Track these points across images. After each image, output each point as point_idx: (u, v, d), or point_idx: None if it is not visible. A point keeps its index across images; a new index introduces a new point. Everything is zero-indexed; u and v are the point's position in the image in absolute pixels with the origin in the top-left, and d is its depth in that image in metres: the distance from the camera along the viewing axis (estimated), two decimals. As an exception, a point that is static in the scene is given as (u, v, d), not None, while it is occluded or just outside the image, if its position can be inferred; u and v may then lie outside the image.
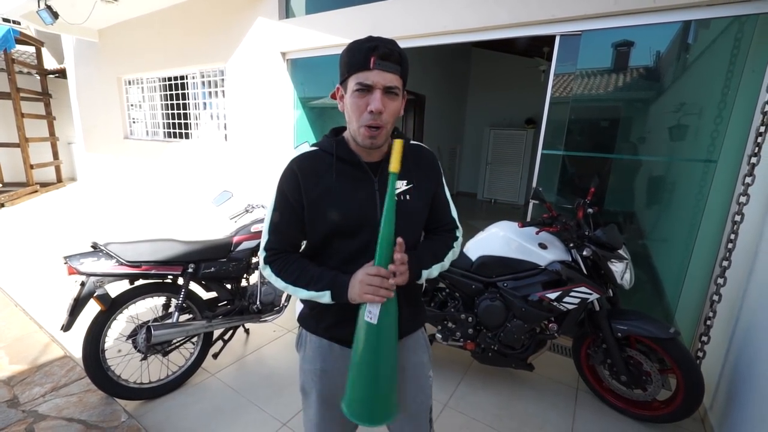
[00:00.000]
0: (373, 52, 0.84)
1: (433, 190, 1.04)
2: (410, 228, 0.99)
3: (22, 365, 2.23)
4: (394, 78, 0.87)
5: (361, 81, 0.86)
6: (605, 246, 1.87)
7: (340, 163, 0.96)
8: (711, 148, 2.26)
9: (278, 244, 0.99)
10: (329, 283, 0.93)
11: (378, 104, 0.85)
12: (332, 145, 0.96)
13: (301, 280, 0.95)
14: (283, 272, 0.96)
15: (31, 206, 6.30)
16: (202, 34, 4.58)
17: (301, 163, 0.97)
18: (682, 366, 1.79)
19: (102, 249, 1.88)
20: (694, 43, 2.37)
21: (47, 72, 7.58)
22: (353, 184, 0.95)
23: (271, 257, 0.98)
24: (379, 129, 0.89)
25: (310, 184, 0.94)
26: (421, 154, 1.05)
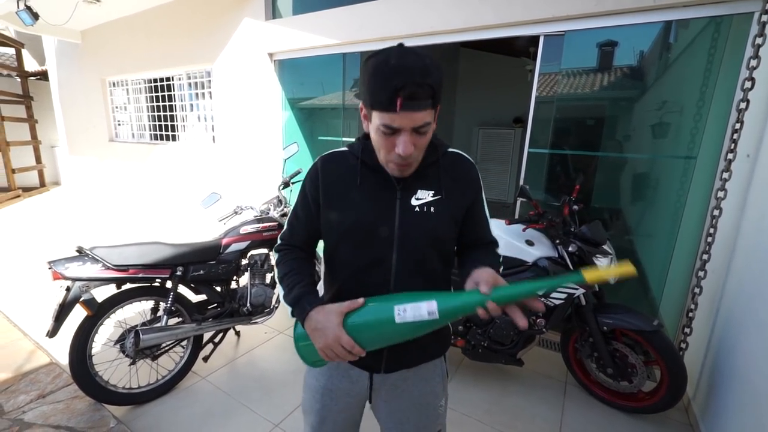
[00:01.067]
0: (399, 93, 0.72)
1: (466, 205, 0.94)
2: (429, 244, 0.90)
3: (6, 373, 2.18)
4: (424, 116, 0.76)
5: (386, 123, 0.76)
6: (590, 242, 1.91)
7: (365, 168, 0.91)
8: (691, 145, 2.32)
9: (290, 239, 1.00)
10: (294, 300, 0.89)
11: (406, 147, 0.77)
12: (359, 148, 0.92)
13: (285, 280, 0.94)
14: (280, 264, 0.97)
15: (14, 211, 6.15)
16: (187, 34, 4.53)
17: (325, 161, 0.95)
18: (666, 357, 1.84)
19: (87, 253, 1.85)
20: (674, 43, 2.43)
21: (28, 74, 7.42)
22: (374, 192, 0.89)
23: (281, 247, 1.01)
24: (410, 165, 0.84)
25: (330, 183, 0.92)
26: (458, 163, 0.95)
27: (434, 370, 1.03)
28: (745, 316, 1.62)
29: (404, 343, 0.83)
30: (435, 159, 0.91)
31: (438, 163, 0.92)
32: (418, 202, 0.89)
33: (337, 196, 0.91)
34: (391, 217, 0.88)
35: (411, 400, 1.02)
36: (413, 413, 1.03)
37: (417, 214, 0.89)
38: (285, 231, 1.01)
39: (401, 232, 0.88)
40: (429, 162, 0.90)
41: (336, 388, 1.01)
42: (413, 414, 1.03)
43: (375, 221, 0.88)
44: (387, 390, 1.01)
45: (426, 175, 0.90)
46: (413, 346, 0.86)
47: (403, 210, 0.88)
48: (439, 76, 0.78)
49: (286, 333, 2.78)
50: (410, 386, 1.01)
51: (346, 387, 1.00)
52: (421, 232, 0.88)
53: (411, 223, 0.88)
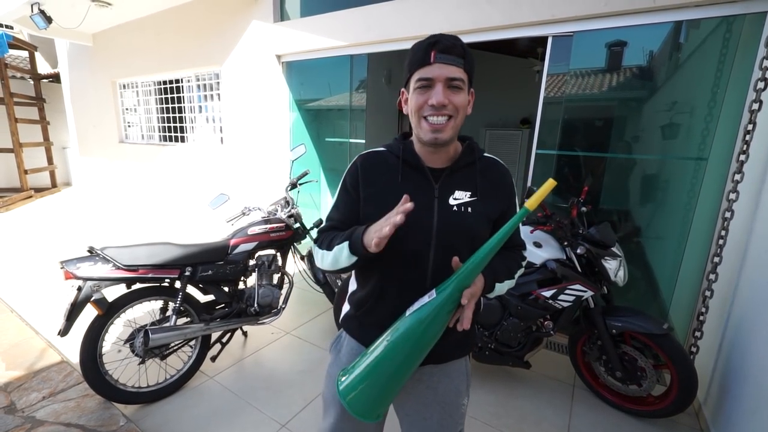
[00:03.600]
0: (433, 47, 0.83)
1: (501, 209, 0.97)
2: (466, 243, 0.92)
3: (18, 371, 2.22)
4: (456, 70, 0.84)
5: (422, 76, 0.84)
6: (599, 244, 1.90)
7: (404, 166, 0.95)
8: (702, 146, 2.29)
9: (329, 228, 1.01)
10: (348, 234, 0.89)
11: (440, 96, 0.83)
12: (399, 147, 0.96)
13: (332, 243, 0.93)
14: (323, 243, 0.97)
15: (26, 212, 6.26)
16: (196, 37, 4.58)
17: (365, 159, 0.99)
18: (676, 361, 1.82)
19: (99, 253, 1.88)
20: (684, 43, 2.40)
21: (41, 76, 7.55)
22: (413, 189, 0.90)
23: (319, 237, 1.01)
24: (446, 122, 0.86)
25: (370, 179, 0.95)
26: (494, 168, 0.99)
27: (459, 368, 1.05)
28: (758, 319, 1.60)
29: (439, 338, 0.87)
30: (472, 160, 0.96)
31: (475, 165, 0.96)
32: (456, 201, 0.93)
33: (378, 193, 0.94)
34: (429, 215, 0.91)
35: (435, 397, 1.02)
36: (437, 410, 1.03)
37: (454, 213, 0.92)
38: (323, 226, 1.03)
39: (439, 229, 0.91)
40: (466, 162, 0.95)
41: None
42: (437, 411, 1.03)
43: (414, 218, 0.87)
44: (412, 384, 1.02)
45: (463, 175, 0.95)
46: (441, 342, 0.87)
47: (441, 208, 0.92)
48: (471, 53, 0.87)
49: (292, 333, 2.79)
50: (435, 382, 1.02)
51: None
52: (458, 230, 0.91)
53: (449, 221, 0.91)
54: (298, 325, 2.90)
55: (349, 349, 1.05)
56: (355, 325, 1.04)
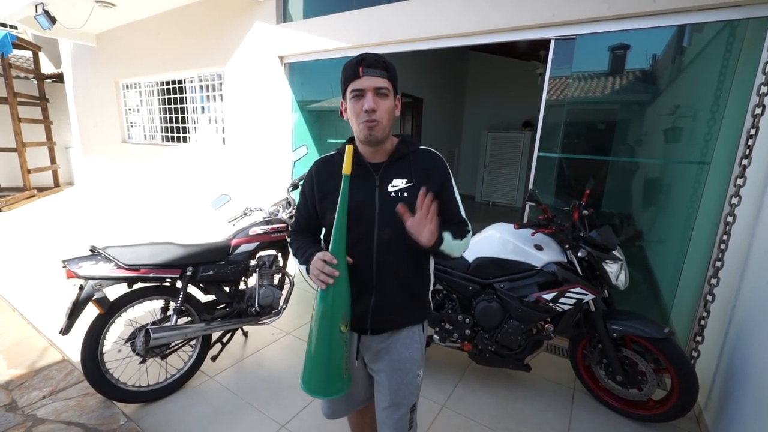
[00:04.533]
0: (361, 63, 1.01)
1: (436, 190, 1.08)
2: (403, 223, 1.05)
3: (20, 369, 2.23)
4: (381, 81, 1.02)
5: (354, 87, 1.03)
6: (600, 247, 1.89)
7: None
8: (704, 150, 2.29)
9: (297, 226, 1.27)
10: (306, 259, 1.12)
11: (370, 103, 1.01)
12: (341, 152, 1.12)
13: (298, 253, 1.17)
14: (292, 245, 1.22)
15: (29, 211, 6.28)
16: (199, 38, 4.60)
17: (317, 165, 1.19)
18: (677, 365, 1.81)
19: (100, 252, 1.89)
20: (687, 47, 2.40)
21: (44, 76, 7.59)
22: (357, 183, 1.08)
23: (291, 233, 1.29)
24: (376, 123, 1.03)
25: (323, 181, 1.15)
26: (428, 157, 1.17)
27: (413, 336, 1.20)
28: (759, 323, 1.59)
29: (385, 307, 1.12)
30: (406, 153, 1.14)
31: (409, 157, 1.14)
32: (393, 188, 1.10)
33: (331, 192, 1.11)
34: (372, 202, 1.09)
35: (391, 363, 1.18)
36: (392, 377, 1.18)
37: (393, 198, 1.09)
38: (293, 222, 1.29)
39: (380, 212, 1.09)
40: (402, 155, 1.13)
41: None
42: (393, 377, 1.18)
43: (359, 205, 1.08)
44: (373, 353, 1.20)
45: (400, 166, 1.12)
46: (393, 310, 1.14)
47: (381, 194, 1.10)
48: (392, 66, 1.06)
49: (293, 334, 2.79)
50: (391, 349, 1.18)
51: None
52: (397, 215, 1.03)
53: (387, 205, 1.07)
54: (298, 326, 2.90)
55: None
56: None
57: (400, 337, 1.18)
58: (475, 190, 8.31)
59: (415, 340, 1.20)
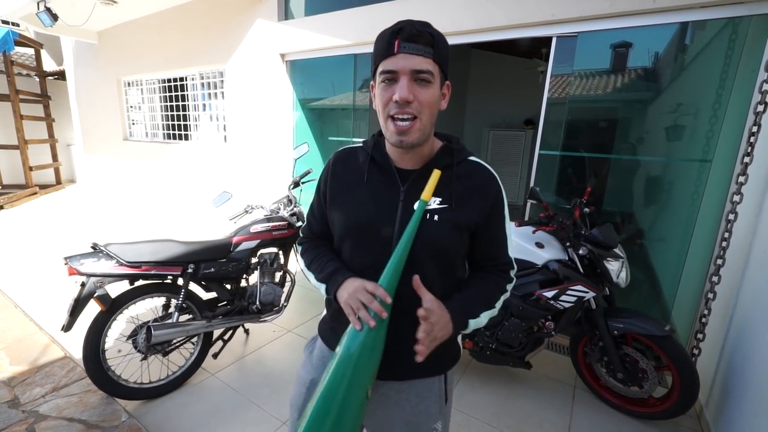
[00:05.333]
0: (397, 34, 0.72)
1: (478, 219, 0.84)
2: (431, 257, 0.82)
3: (22, 366, 2.24)
4: (423, 61, 0.73)
5: (386, 69, 0.74)
6: (601, 245, 1.89)
7: (373, 165, 0.87)
8: (706, 148, 2.28)
9: (309, 231, 1.03)
10: (328, 276, 0.88)
11: (404, 91, 0.72)
12: (371, 144, 0.88)
13: (313, 264, 0.94)
14: (305, 254, 0.98)
15: (31, 208, 6.30)
16: (201, 35, 4.60)
17: (338, 156, 0.95)
18: (678, 363, 1.81)
19: (102, 250, 1.89)
20: (690, 45, 2.39)
21: (46, 74, 7.59)
22: (378, 190, 0.85)
23: (302, 240, 1.04)
24: (410, 123, 0.75)
25: (337, 179, 0.91)
26: (476, 173, 0.87)
27: (431, 388, 0.93)
28: (760, 321, 1.59)
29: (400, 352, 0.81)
30: (449, 163, 0.84)
31: (452, 169, 0.84)
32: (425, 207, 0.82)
33: (342, 194, 0.89)
34: (392, 219, 0.82)
35: (402, 416, 0.93)
36: (403, 429, 0.93)
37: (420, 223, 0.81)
38: (305, 227, 1.05)
39: (399, 235, 0.80)
40: (442, 165, 0.83)
41: None
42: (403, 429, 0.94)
43: (374, 222, 0.83)
44: (379, 399, 0.93)
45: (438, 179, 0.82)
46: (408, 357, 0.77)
47: (404, 213, 0.82)
48: (443, 40, 0.77)
49: (294, 332, 2.80)
50: (403, 400, 0.92)
51: None
52: (420, 241, 0.79)
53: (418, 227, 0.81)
54: (299, 324, 2.90)
55: (319, 353, 1.01)
56: (327, 329, 0.99)
57: (415, 387, 0.92)
58: (476, 189, 8.31)
59: (433, 392, 0.92)
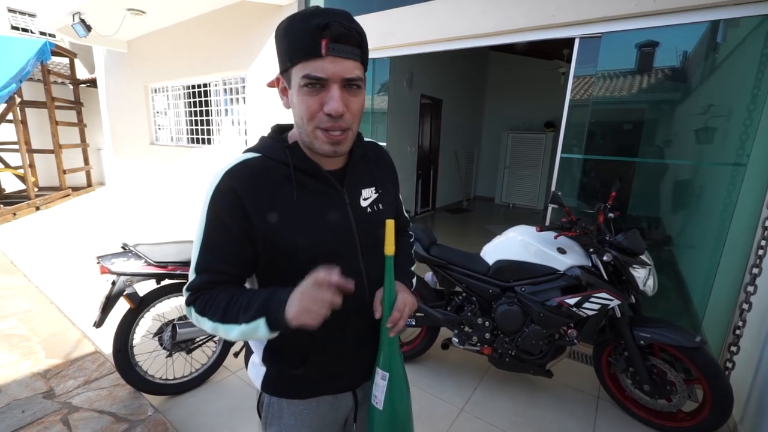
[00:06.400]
0: (323, 32, 0.62)
1: (395, 191, 0.93)
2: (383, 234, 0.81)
3: (57, 359, 2.35)
4: (354, 66, 0.66)
5: (310, 73, 0.64)
6: (627, 251, 1.84)
7: (300, 176, 0.74)
8: (740, 151, 2.18)
9: (206, 284, 0.72)
10: (262, 307, 0.66)
11: (338, 105, 0.65)
12: (285, 153, 0.74)
13: (230, 311, 0.68)
14: (209, 310, 0.70)
15: (64, 209, 6.61)
16: (224, 42, 4.74)
17: (241, 178, 0.70)
18: (709, 376, 1.74)
19: (131, 250, 1.97)
20: (722, 43, 2.30)
21: (79, 82, 7.96)
22: (321, 202, 0.76)
23: (193, 296, 0.72)
24: (344, 133, 0.69)
25: (261, 205, 0.70)
26: (380, 153, 0.91)
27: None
28: (801, 335, 1.51)
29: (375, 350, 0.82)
30: (364, 150, 0.84)
31: (368, 156, 0.85)
32: (366, 202, 0.82)
33: (280, 218, 0.71)
34: (348, 224, 0.78)
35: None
36: None
37: (369, 215, 0.81)
38: (194, 279, 0.72)
39: (361, 236, 0.79)
40: (360, 155, 0.82)
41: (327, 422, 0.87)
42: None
43: (335, 237, 0.76)
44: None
45: (361, 170, 0.83)
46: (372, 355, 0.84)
47: (356, 213, 0.79)
48: (365, 36, 0.69)
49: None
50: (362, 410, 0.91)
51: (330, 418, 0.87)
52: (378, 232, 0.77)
53: (367, 224, 0.80)
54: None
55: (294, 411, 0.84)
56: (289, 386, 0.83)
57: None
58: (495, 192, 8.21)
59: None
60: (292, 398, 0.84)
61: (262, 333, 0.66)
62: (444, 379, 2.31)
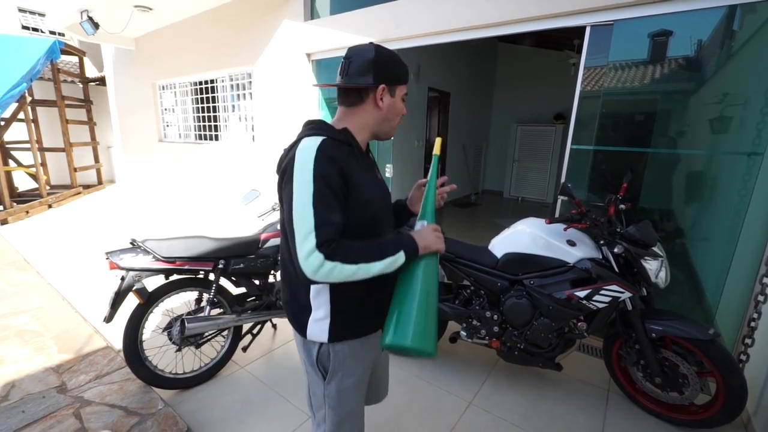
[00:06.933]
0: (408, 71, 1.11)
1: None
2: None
3: (69, 354, 2.39)
4: None
5: (406, 93, 1.11)
6: (638, 243, 1.80)
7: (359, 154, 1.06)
8: (757, 140, 2.12)
9: (329, 235, 0.90)
10: (398, 245, 0.98)
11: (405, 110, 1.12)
12: (346, 136, 1.03)
13: (364, 254, 0.92)
14: (350, 256, 0.90)
15: (75, 207, 6.71)
16: (230, 38, 4.73)
17: (332, 148, 0.95)
18: (723, 369, 1.70)
19: (140, 245, 1.99)
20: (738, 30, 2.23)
21: (89, 80, 8.04)
22: (371, 172, 1.10)
23: (330, 249, 0.88)
24: None
25: (349, 170, 0.95)
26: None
27: None
28: (820, 328, 1.46)
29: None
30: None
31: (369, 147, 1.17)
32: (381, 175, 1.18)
33: (360, 180, 0.99)
34: (385, 189, 1.14)
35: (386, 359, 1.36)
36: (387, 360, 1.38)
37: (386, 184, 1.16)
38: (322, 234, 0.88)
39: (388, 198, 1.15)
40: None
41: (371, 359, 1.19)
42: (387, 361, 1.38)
43: (381, 195, 1.09)
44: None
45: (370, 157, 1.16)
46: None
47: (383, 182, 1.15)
48: None
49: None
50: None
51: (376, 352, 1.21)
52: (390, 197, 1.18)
53: (388, 191, 1.16)
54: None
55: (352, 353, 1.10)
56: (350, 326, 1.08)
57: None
58: (504, 186, 8.13)
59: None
60: (353, 338, 1.08)
61: (400, 262, 0.97)
62: (452, 373, 2.31)
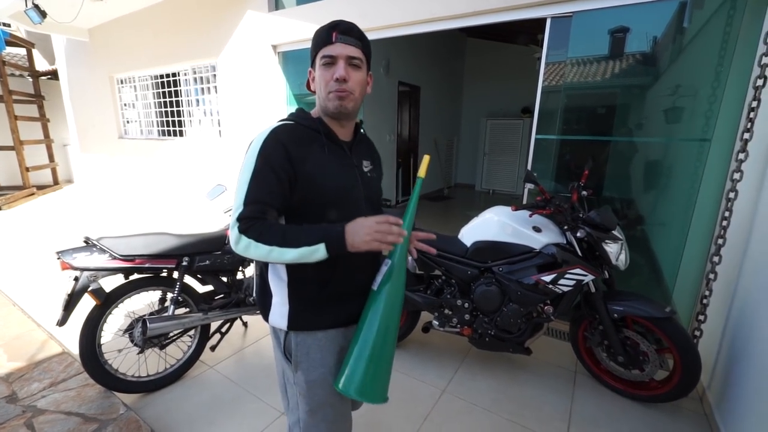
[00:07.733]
0: (335, 29, 0.93)
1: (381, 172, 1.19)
2: (377, 196, 1.14)
3: (20, 362, 2.23)
4: (355, 50, 0.94)
5: (325, 53, 0.94)
6: (599, 227, 1.86)
7: (328, 141, 1.00)
8: (705, 127, 2.24)
9: (256, 214, 0.89)
10: (322, 235, 0.87)
11: (342, 72, 0.93)
12: (315, 121, 1.00)
13: (287, 239, 0.86)
14: (264, 236, 0.86)
15: (28, 209, 6.28)
16: (192, 29, 4.54)
17: (284, 132, 0.94)
18: (679, 345, 1.80)
19: (95, 244, 1.87)
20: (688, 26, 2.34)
21: (39, 74, 7.53)
22: (339, 161, 1.00)
23: (246, 225, 0.87)
24: (347, 93, 0.95)
25: (301, 155, 0.93)
26: (371, 142, 1.19)
27: None
28: (762, 301, 1.57)
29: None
30: (364, 135, 1.13)
31: (365, 140, 1.13)
32: (366, 169, 1.08)
33: (314, 166, 0.95)
34: (356, 183, 1.03)
35: None
36: None
37: (369, 179, 1.08)
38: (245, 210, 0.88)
39: (365, 193, 1.05)
40: (360, 138, 1.10)
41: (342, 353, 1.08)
42: None
43: (348, 185, 1.01)
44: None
45: (361, 147, 1.10)
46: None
47: (361, 175, 1.04)
48: (367, 39, 0.99)
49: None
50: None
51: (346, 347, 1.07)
52: (374, 192, 1.10)
53: (368, 186, 1.07)
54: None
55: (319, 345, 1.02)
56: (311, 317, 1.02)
57: None
58: (475, 179, 8.27)
59: None
60: (316, 330, 1.02)
61: (320, 255, 0.86)
62: (426, 362, 2.32)
